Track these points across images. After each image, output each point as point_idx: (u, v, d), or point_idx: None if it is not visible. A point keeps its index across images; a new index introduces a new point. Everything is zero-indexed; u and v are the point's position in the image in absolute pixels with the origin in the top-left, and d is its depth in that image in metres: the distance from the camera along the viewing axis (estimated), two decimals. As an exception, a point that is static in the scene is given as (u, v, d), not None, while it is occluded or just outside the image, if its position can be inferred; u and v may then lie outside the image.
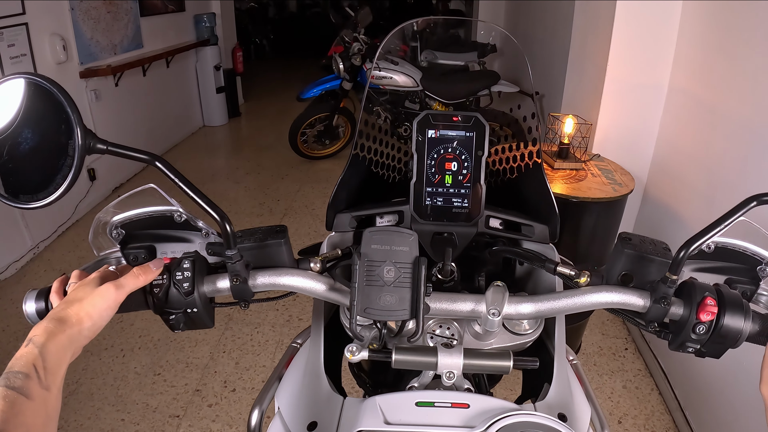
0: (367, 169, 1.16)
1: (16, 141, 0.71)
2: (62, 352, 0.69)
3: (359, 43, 5.30)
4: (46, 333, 0.69)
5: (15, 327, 3.38)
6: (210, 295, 0.89)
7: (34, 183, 0.73)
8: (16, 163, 0.72)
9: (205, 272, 0.89)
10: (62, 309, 0.74)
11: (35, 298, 0.86)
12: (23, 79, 0.71)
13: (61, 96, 0.69)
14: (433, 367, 0.84)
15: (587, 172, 2.82)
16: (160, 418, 2.66)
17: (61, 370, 0.69)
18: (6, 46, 3.84)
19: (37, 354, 0.66)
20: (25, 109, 0.72)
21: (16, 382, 0.63)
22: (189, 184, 0.79)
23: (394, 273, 0.85)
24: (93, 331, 0.76)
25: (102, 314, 0.76)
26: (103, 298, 0.77)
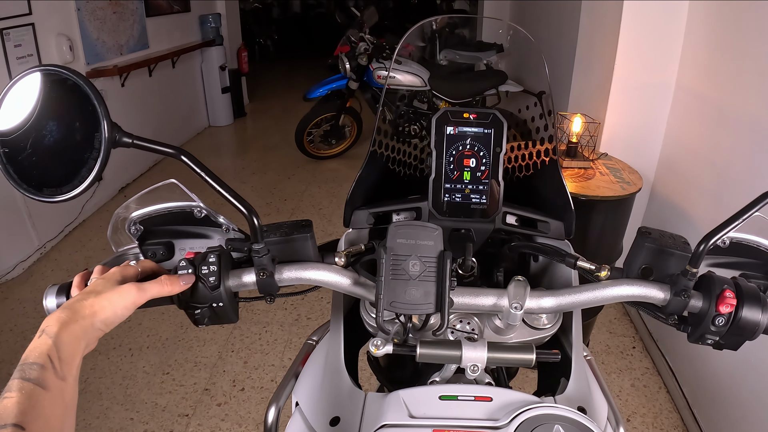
0: (384, 166, 1.16)
1: (40, 134, 0.71)
2: (76, 342, 0.69)
3: (365, 43, 5.30)
4: (58, 323, 0.68)
5: (23, 327, 3.39)
6: (235, 290, 0.89)
7: (58, 176, 0.72)
8: (39, 156, 0.72)
9: (230, 266, 0.89)
10: (77, 300, 0.74)
11: (56, 293, 0.86)
12: (49, 71, 0.71)
13: (87, 88, 0.69)
14: (458, 360, 0.83)
15: (595, 170, 2.82)
16: (169, 417, 2.67)
17: (76, 360, 0.68)
18: (13, 47, 3.85)
19: (51, 344, 0.66)
20: (50, 102, 0.72)
21: (32, 373, 0.62)
22: (215, 178, 0.79)
23: (420, 267, 0.85)
24: (107, 325, 0.75)
25: (117, 312, 0.75)
26: (122, 297, 0.76)
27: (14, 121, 0.72)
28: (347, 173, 5.75)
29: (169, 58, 6.24)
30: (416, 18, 8.61)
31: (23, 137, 0.72)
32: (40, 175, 0.73)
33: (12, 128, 0.72)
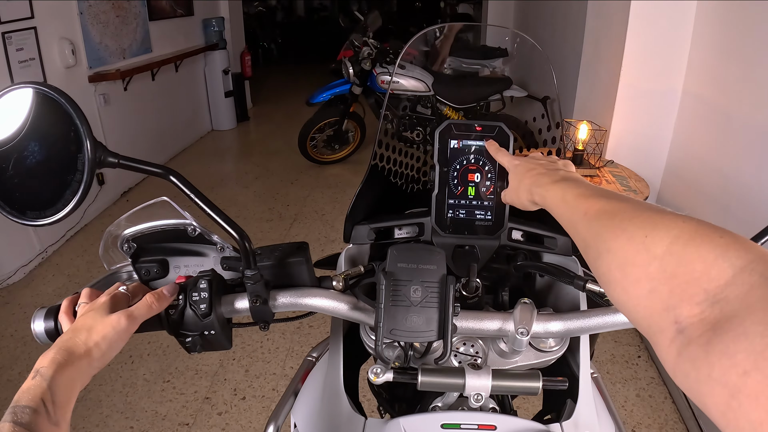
0: (385, 180, 1.12)
1: (22, 155, 0.69)
2: (71, 385, 0.66)
3: (369, 47, 5.28)
4: (54, 365, 0.66)
5: (23, 332, 3.37)
6: (228, 316, 0.86)
7: (41, 199, 0.70)
8: (22, 178, 0.70)
9: (222, 292, 0.85)
10: (70, 338, 0.71)
11: (44, 317, 0.83)
12: (30, 88, 0.69)
13: (69, 107, 0.66)
14: (461, 388, 0.80)
15: (602, 178, 2.79)
16: (170, 426, 2.64)
17: (70, 404, 0.66)
18: (15, 50, 3.84)
19: (45, 388, 0.63)
20: (32, 121, 0.69)
21: (24, 417, 0.59)
22: (204, 199, 0.76)
23: (421, 293, 0.82)
24: (103, 362, 0.72)
25: (112, 345, 0.73)
26: (114, 329, 0.73)
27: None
28: (350, 179, 5.73)
29: (172, 62, 6.24)
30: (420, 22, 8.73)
31: (5, 158, 0.69)
32: (23, 197, 0.70)
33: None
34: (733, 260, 0.43)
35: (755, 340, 0.36)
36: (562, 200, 0.69)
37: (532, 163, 0.83)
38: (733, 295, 0.41)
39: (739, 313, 0.39)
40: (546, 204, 0.75)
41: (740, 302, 0.40)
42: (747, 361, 0.35)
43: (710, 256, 0.44)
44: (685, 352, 0.41)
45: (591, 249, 0.59)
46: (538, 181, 0.77)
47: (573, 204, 0.66)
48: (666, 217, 0.51)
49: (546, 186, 0.75)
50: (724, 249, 0.44)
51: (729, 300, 0.40)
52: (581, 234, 0.62)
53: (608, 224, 0.57)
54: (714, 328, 0.40)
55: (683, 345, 0.42)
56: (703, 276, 0.43)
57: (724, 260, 0.43)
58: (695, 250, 0.46)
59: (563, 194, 0.70)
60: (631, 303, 0.50)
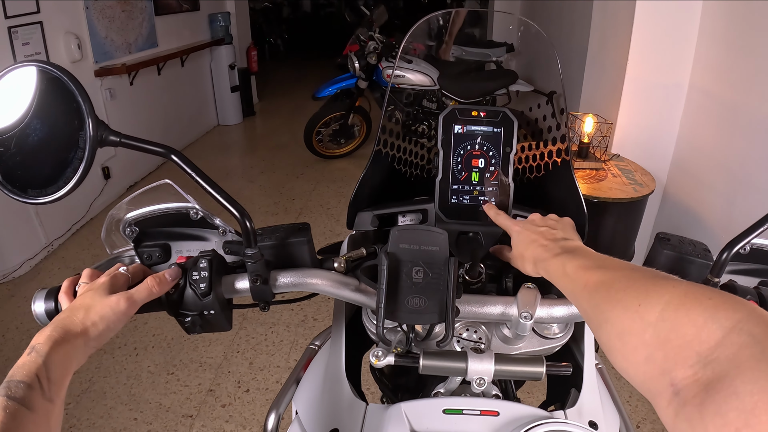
0: (389, 166, 1.11)
1: (24, 133, 0.69)
2: (67, 362, 0.66)
3: (375, 42, 5.26)
4: (50, 341, 0.66)
5: (28, 325, 3.38)
6: (228, 297, 0.85)
7: (43, 177, 0.70)
8: (24, 156, 0.69)
9: (223, 272, 0.85)
10: (67, 316, 0.71)
11: (44, 297, 0.83)
12: (33, 67, 0.69)
13: (72, 84, 0.66)
14: (463, 373, 0.79)
15: (607, 172, 2.78)
16: (173, 418, 2.65)
17: (65, 381, 0.66)
18: (21, 45, 3.85)
19: (40, 364, 0.63)
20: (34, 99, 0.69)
21: (18, 392, 0.59)
22: (207, 179, 0.75)
23: (423, 274, 0.81)
24: (99, 342, 0.72)
25: (109, 326, 0.73)
26: (112, 310, 0.73)
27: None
28: (356, 173, 5.68)
29: (178, 57, 6.23)
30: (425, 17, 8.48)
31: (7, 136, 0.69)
32: (25, 175, 0.70)
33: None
34: (722, 321, 0.45)
35: (745, 399, 0.38)
36: (563, 274, 0.72)
37: (534, 233, 0.84)
38: (723, 356, 0.42)
39: (730, 373, 0.41)
40: (549, 277, 0.77)
41: (730, 362, 0.42)
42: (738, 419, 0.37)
43: (700, 320, 0.46)
44: (681, 413, 0.43)
45: (592, 320, 0.62)
46: (540, 256, 0.79)
47: (573, 277, 0.69)
48: (658, 283, 0.54)
49: (548, 260, 0.77)
50: (713, 311, 0.46)
51: (720, 361, 0.42)
52: (583, 306, 0.65)
53: (605, 296, 0.60)
54: (707, 388, 0.41)
55: (680, 406, 0.44)
56: (695, 339, 0.45)
57: (714, 322, 0.45)
58: (686, 315, 0.48)
59: (564, 268, 0.72)
60: (631, 369, 0.52)
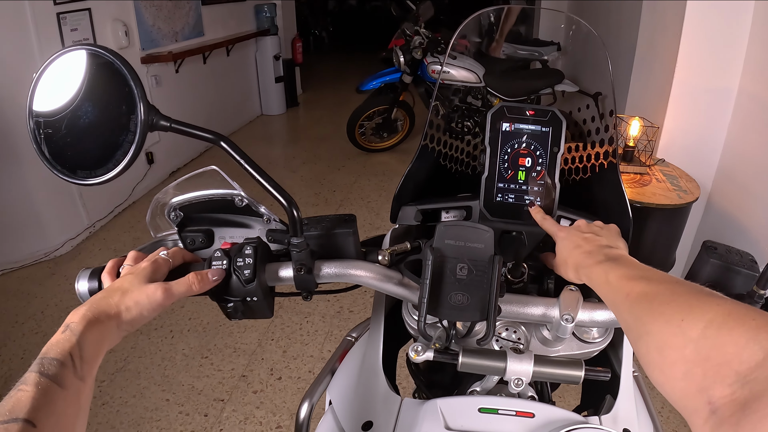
0: (434, 162, 1.11)
1: (75, 114, 0.70)
2: (99, 342, 0.66)
3: (420, 37, 5.24)
4: (84, 321, 0.66)
5: (67, 302, 3.46)
6: (271, 284, 0.86)
7: (92, 159, 0.71)
8: (74, 137, 0.70)
9: (267, 260, 0.85)
10: (103, 297, 0.72)
11: (88, 277, 0.84)
12: (86, 50, 0.69)
13: (124, 69, 0.66)
14: (501, 372, 0.79)
15: (652, 177, 2.73)
16: (205, 401, 2.68)
17: (97, 361, 0.66)
18: (69, 31, 3.94)
19: (74, 342, 0.63)
20: (86, 82, 0.70)
21: (51, 369, 0.59)
22: (255, 167, 0.75)
23: (468, 271, 0.80)
24: (132, 326, 0.73)
25: (143, 313, 0.73)
26: (149, 298, 0.73)
27: (50, 100, 0.71)
28: (397, 167, 5.71)
29: (224, 46, 6.30)
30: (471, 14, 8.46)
31: (59, 118, 0.70)
32: (75, 157, 0.71)
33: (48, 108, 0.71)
34: (764, 343, 0.45)
35: None
36: (606, 282, 0.71)
37: (578, 238, 0.83)
38: (762, 377, 0.42)
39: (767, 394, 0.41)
40: (591, 284, 0.76)
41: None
42: None
43: (742, 340, 0.46)
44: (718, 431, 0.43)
45: (632, 330, 0.61)
46: (583, 262, 0.78)
47: (616, 286, 0.68)
48: (702, 300, 0.54)
49: (590, 267, 0.76)
50: (755, 332, 0.46)
51: (759, 381, 0.42)
52: (623, 315, 0.65)
53: (648, 308, 0.59)
54: (744, 408, 0.41)
55: (716, 425, 0.43)
56: (735, 358, 0.45)
57: (755, 343, 0.45)
58: (728, 333, 0.48)
59: (606, 276, 0.72)
60: (668, 384, 0.52)
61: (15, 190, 3.76)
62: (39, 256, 3.93)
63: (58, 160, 0.70)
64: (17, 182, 3.75)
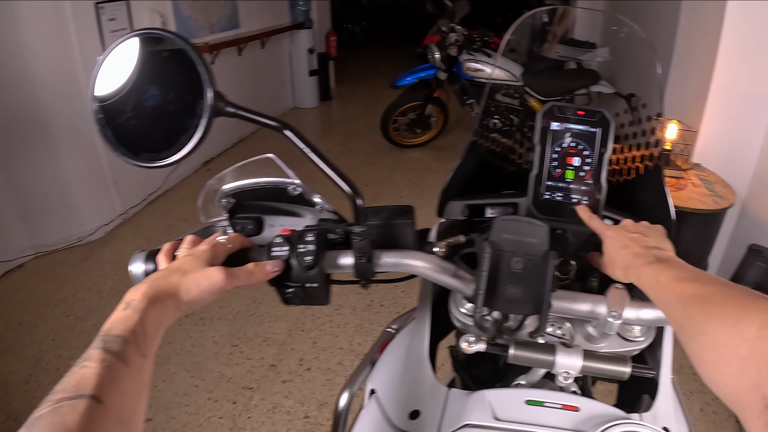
0: (482, 159, 1.12)
1: (141, 97, 0.71)
2: (160, 321, 0.67)
3: (456, 34, 5.23)
4: (146, 299, 0.67)
5: (100, 287, 3.52)
6: (329, 271, 0.86)
7: (156, 142, 0.72)
8: (139, 120, 0.72)
9: (326, 247, 0.86)
10: (163, 276, 0.72)
11: (144, 259, 0.85)
12: (153, 34, 0.70)
13: (194, 54, 0.67)
14: (550, 366, 0.80)
15: (687, 181, 2.71)
16: (234, 389, 2.71)
17: (158, 339, 0.67)
18: (107, 20, 3.99)
19: (137, 320, 0.64)
20: (152, 66, 0.71)
21: (115, 346, 0.60)
22: (320, 155, 0.77)
23: (523, 264, 0.81)
24: (190, 308, 0.73)
25: (203, 296, 0.74)
26: (210, 281, 0.74)
27: (115, 83, 0.72)
28: (430, 163, 5.71)
29: (259, 39, 6.34)
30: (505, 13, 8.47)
31: (123, 99, 0.71)
32: (139, 139, 0.72)
33: (113, 90, 0.72)
34: None
35: None
36: (656, 283, 0.72)
37: (626, 238, 0.84)
38: None
39: None
40: (640, 284, 0.77)
41: None
42: None
43: None
44: None
45: (685, 330, 0.63)
46: (633, 262, 0.79)
47: (667, 287, 0.69)
48: (757, 302, 0.56)
49: (640, 267, 0.77)
50: None
51: None
52: (675, 315, 0.66)
53: (702, 308, 0.61)
54: None
55: None
56: None
57: None
58: None
59: (657, 277, 0.72)
60: (722, 381, 0.54)
61: (50, 175, 3.83)
62: (72, 240, 4.00)
63: (122, 143, 0.71)
64: (53, 167, 3.82)
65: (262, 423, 2.52)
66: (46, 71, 3.61)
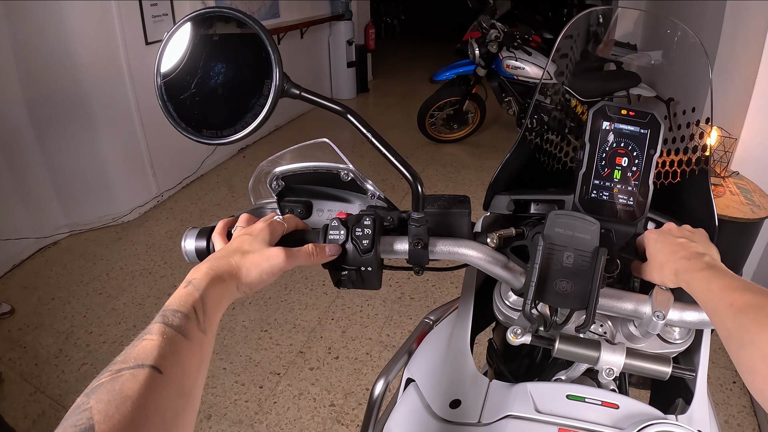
0: (531, 154, 1.12)
1: (206, 74, 0.71)
2: (220, 299, 0.68)
3: (496, 30, 5.21)
4: (207, 278, 0.67)
5: (132, 267, 3.58)
6: (385, 256, 0.87)
7: (219, 119, 0.72)
8: (203, 97, 0.72)
9: (382, 232, 0.87)
10: (224, 256, 0.72)
11: (196, 236, 0.86)
12: (222, 14, 0.71)
13: (264, 36, 0.68)
14: (594, 361, 0.81)
15: (725, 189, 2.67)
16: (261, 373, 2.74)
17: (218, 316, 0.67)
18: (149, 6, 4.06)
19: (198, 297, 0.65)
20: (219, 45, 0.72)
21: (175, 320, 0.61)
22: (381, 140, 0.77)
23: (574, 260, 0.82)
24: (250, 289, 0.73)
25: (263, 277, 0.73)
26: (270, 262, 0.74)
27: (180, 60, 0.73)
28: (466, 159, 5.70)
29: (298, 29, 6.39)
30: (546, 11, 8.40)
31: (188, 76, 0.72)
32: (201, 116, 0.73)
33: (177, 67, 0.73)
34: None
35: None
36: (708, 290, 0.71)
37: (673, 244, 0.83)
38: None
39: None
40: (691, 290, 0.76)
41: None
42: None
43: None
44: None
45: (734, 339, 0.62)
46: (684, 267, 0.78)
47: (719, 295, 0.69)
48: None
49: (692, 273, 0.76)
50: None
51: None
52: (726, 324, 0.65)
53: (755, 318, 0.61)
54: None
55: None
56: None
57: None
58: None
59: (709, 284, 0.72)
60: None
61: (89, 156, 3.90)
62: (107, 220, 4.08)
63: (183, 119, 0.72)
64: (91, 148, 3.89)
65: (288, 408, 2.54)
66: (89, 54, 3.68)
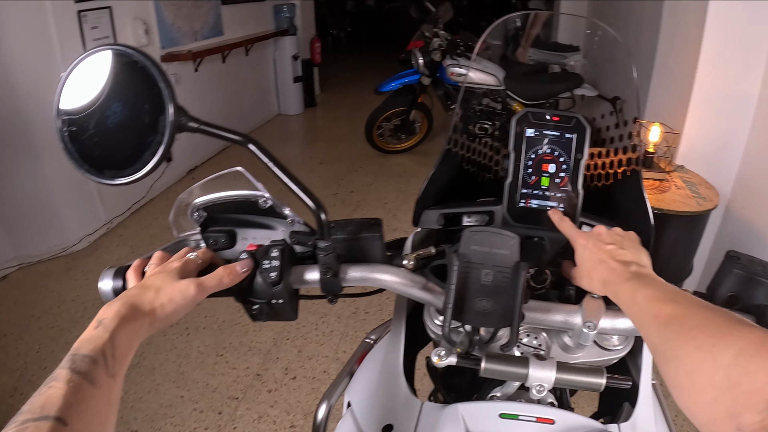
0: (457, 166, 1.11)
1: (103, 114, 0.70)
2: (131, 340, 0.66)
3: (439, 39, 5.24)
4: (118, 317, 0.65)
5: (84, 297, 3.50)
6: (296, 287, 0.86)
7: (120, 159, 0.71)
8: (102, 137, 0.70)
9: (293, 262, 0.85)
10: (137, 294, 0.71)
11: (113, 276, 0.84)
12: (115, 50, 0.70)
13: (154, 70, 0.67)
14: (524, 378, 0.79)
15: (671, 183, 2.71)
16: (219, 399, 2.69)
17: (128, 359, 0.65)
18: (90, 29, 3.98)
19: (107, 339, 0.62)
20: (115, 82, 0.70)
21: (83, 366, 0.58)
22: (284, 169, 0.76)
23: (493, 277, 0.80)
24: (164, 324, 0.72)
25: (177, 310, 0.73)
26: (182, 294, 0.73)
27: (79, 99, 0.71)
28: (415, 169, 5.70)
29: (243, 46, 6.34)
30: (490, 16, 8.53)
31: (87, 117, 0.70)
32: (102, 156, 0.71)
33: (76, 107, 0.71)
34: None
35: None
36: (633, 301, 0.71)
37: (600, 251, 0.82)
38: None
39: None
40: (618, 301, 0.76)
41: None
42: None
43: None
44: None
45: (660, 353, 0.61)
46: (609, 278, 0.78)
47: (644, 307, 0.68)
48: (734, 327, 0.55)
49: (618, 284, 0.75)
50: None
51: None
52: (651, 337, 0.65)
53: (678, 331, 0.59)
54: None
55: None
56: (766, 386, 0.47)
57: None
58: (760, 362, 0.49)
59: (634, 295, 0.71)
60: (696, 408, 0.53)
61: (34, 185, 3.80)
62: (56, 251, 3.97)
63: (85, 159, 0.70)
64: (36, 177, 3.79)
65: (248, 433, 2.50)
66: (29, 80, 3.59)
